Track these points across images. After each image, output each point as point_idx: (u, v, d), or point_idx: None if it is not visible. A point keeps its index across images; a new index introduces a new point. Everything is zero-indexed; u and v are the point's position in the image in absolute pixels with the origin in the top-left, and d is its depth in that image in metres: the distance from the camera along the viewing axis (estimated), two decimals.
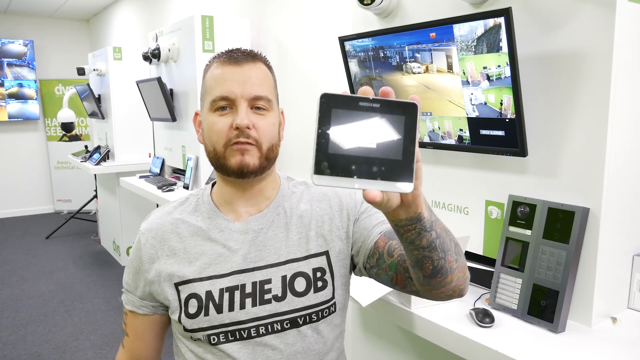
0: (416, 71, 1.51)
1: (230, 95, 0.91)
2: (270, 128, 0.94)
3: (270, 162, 0.97)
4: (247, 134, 0.91)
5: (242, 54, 0.95)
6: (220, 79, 0.92)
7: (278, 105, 1.01)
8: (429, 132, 1.57)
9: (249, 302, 0.94)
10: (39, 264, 4.63)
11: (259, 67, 0.95)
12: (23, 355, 2.97)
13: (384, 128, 0.58)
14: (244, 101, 0.91)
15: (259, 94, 0.92)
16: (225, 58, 0.94)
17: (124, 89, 4.24)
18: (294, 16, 2.77)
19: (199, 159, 2.97)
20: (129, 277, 1.05)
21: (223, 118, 0.92)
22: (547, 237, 1.27)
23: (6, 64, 6.38)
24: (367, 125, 0.58)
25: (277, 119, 0.98)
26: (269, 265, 0.96)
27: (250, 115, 0.92)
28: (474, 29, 1.32)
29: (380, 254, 0.94)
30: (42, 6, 6.02)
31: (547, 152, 1.32)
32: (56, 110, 5.95)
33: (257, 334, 0.94)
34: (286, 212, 1.00)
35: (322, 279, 0.97)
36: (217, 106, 0.93)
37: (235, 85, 0.91)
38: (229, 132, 0.91)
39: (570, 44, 1.24)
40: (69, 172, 6.62)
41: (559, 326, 1.22)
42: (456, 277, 0.82)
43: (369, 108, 0.58)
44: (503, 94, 1.31)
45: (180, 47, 3.05)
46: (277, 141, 0.97)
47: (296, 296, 0.95)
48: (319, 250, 0.98)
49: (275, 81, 1.00)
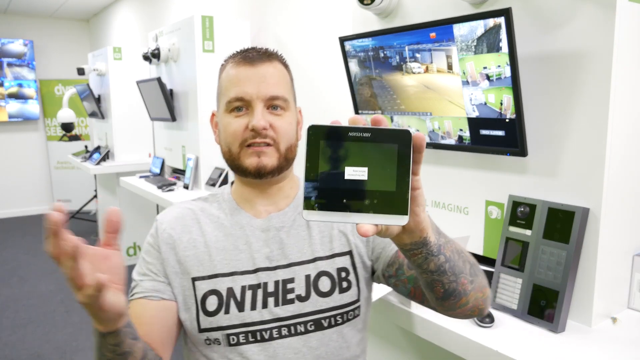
0: (416, 71, 1.51)
1: (245, 96, 0.89)
2: (287, 128, 0.92)
3: (289, 162, 0.94)
4: (264, 134, 0.89)
5: (257, 53, 0.92)
6: (235, 79, 0.91)
7: (296, 104, 0.98)
8: (429, 132, 1.57)
9: (271, 302, 0.90)
10: (39, 264, 4.63)
11: (274, 66, 0.93)
12: (23, 355, 2.97)
13: (376, 158, 0.56)
14: (259, 102, 0.89)
15: (275, 93, 0.90)
16: (240, 58, 0.92)
17: (124, 89, 4.24)
18: (294, 16, 2.77)
19: (198, 159, 2.97)
20: (143, 266, 0.97)
21: (238, 119, 0.90)
22: (547, 237, 1.27)
23: (6, 63, 6.38)
24: (358, 156, 0.56)
25: (295, 118, 0.96)
26: (292, 264, 0.93)
27: (267, 116, 0.90)
28: (474, 29, 1.32)
29: (400, 265, 0.92)
30: (42, 6, 6.02)
31: (547, 152, 1.32)
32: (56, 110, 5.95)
33: (279, 335, 0.89)
34: None
35: (346, 279, 0.93)
36: (232, 107, 0.91)
37: (251, 86, 0.89)
38: (244, 133, 0.90)
39: (570, 44, 1.24)
40: (69, 172, 6.62)
41: (559, 326, 1.22)
42: (473, 297, 0.79)
43: (359, 138, 0.56)
44: (503, 94, 1.31)
45: (180, 47, 3.05)
46: (295, 141, 0.95)
47: (321, 296, 0.91)
48: (343, 250, 0.95)
49: (292, 80, 0.98)
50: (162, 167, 3.53)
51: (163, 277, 0.95)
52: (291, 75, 0.98)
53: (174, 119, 3.16)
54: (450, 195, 1.61)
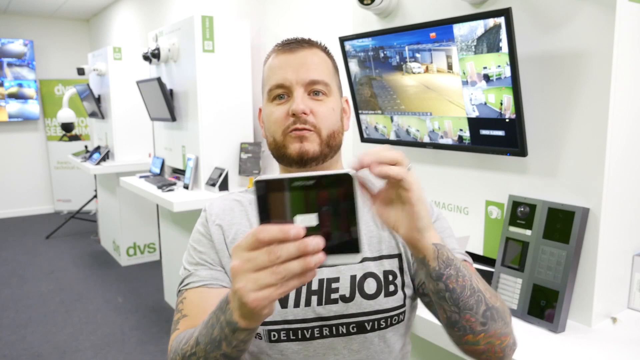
0: (416, 71, 1.51)
1: (285, 82, 0.88)
2: (329, 113, 0.89)
3: (333, 150, 0.91)
4: (304, 120, 0.86)
5: (297, 42, 0.91)
6: (275, 67, 0.89)
7: (341, 93, 0.96)
8: (429, 132, 1.57)
9: (314, 300, 0.87)
10: (39, 264, 4.63)
11: (314, 53, 0.91)
12: (23, 355, 2.97)
13: (322, 204, 0.59)
14: (299, 87, 0.87)
15: (314, 78, 0.88)
16: (280, 47, 0.91)
17: (124, 89, 4.24)
18: (294, 16, 2.77)
19: (198, 159, 2.97)
20: (195, 256, 0.93)
21: (280, 107, 0.89)
22: (547, 237, 1.27)
23: (6, 64, 6.38)
24: (306, 203, 0.59)
25: (338, 105, 0.93)
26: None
27: (307, 101, 0.87)
28: (474, 29, 1.32)
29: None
30: (42, 6, 6.02)
31: (547, 152, 1.32)
32: (56, 110, 5.96)
33: (321, 335, 0.87)
34: None
35: (393, 282, 0.90)
36: (274, 95, 0.89)
37: (290, 72, 0.87)
38: (286, 119, 0.87)
39: (570, 44, 1.24)
40: (69, 172, 6.62)
41: (559, 326, 1.22)
42: (485, 341, 0.76)
43: (304, 187, 0.59)
44: (503, 94, 1.31)
45: (180, 47, 3.05)
46: (339, 128, 0.92)
47: (365, 298, 0.88)
48: (392, 253, 0.91)
49: (335, 68, 0.95)
50: (162, 167, 3.53)
51: (219, 266, 0.92)
52: (334, 63, 0.95)
53: (174, 119, 3.16)
54: (450, 195, 1.61)
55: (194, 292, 0.90)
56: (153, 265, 4.58)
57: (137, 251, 4.65)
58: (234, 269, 0.60)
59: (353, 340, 0.87)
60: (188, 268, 0.93)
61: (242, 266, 0.59)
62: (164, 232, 3.67)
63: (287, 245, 0.57)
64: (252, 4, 3.15)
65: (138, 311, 3.57)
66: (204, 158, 2.96)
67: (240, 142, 3.02)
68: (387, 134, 1.72)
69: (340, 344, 0.87)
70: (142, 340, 3.12)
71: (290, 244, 0.57)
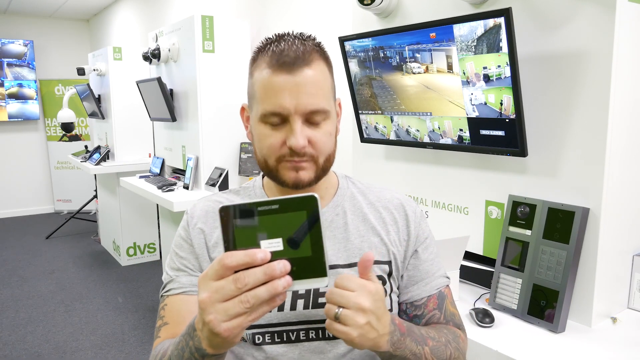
0: (416, 71, 1.51)
1: (283, 111, 0.80)
2: (327, 139, 0.85)
3: (326, 172, 0.89)
4: (302, 153, 0.82)
5: (294, 55, 0.81)
6: (270, 89, 0.81)
7: (334, 97, 0.90)
8: (429, 132, 1.57)
9: (300, 304, 0.87)
10: (39, 264, 4.63)
11: (314, 69, 0.82)
12: (23, 355, 2.97)
13: (287, 227, 0.58)
14: (298, 117, 0.81)
15: (314, 107, 0.81)
16: (275, 62, 0.81)
17: (124, 89, 4.24)
18: (294, 16, 2.77)
19: (198, 159, 2.97)
20: (176, 261, 0.93)
21: (275, 132, 0.83)
22: (547, 237, 1.27)
23: (6, 64, 6.38)
24: (271, 227, 0.58)
25: (334, 124, 0.88)
26: None
27: (306, 131, 0.82)
28: (474, 29, 1.32)
29: (424, 314, 0.91)
30: (42, 6, 6.02)
31: (547, 152, 1.32)
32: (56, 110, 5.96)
33: (307, 338, 0.87)
34: (346, 213, 0.93)
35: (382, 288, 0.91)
36: (267, 121, 0.83)
37: (288, 98, 0.80)
38: (282, 148, 0.83)
39: (570, 44, 1.24)
40: (69, 172, 6.62)
41: (559, 326, 1.22)
42: None
43: (268, 211, 0.58)
44: (503, 94, 1.31)
45: (180, 47, 3.05)
46: (334, 148, 0.89)
47: None
48: (382, 259, 0.91)
49: (331, 70, 0.88)
50: (162, 167, 3.53)
51: (199, 272, 0.91)
52: (330, 66, 0.88)
53: (174, 119, 3.16)
54: (450, 195, 1.61)
55: (174, 299, 0.90)
56: (153, 265, 4.58)
57: (137, 251, 4.65)
58: (203, 302, 0.60)
59: (340, 344, 0.88)
60: (169, 273, 0.93)
61: (210, 297, 0.59)
62: (164, 232, 3.66)
63: (254, 271, 0.57)
64: (252, 4, 3.15)
65: (138, 311, 3.57)
66: (204, 158, 2.96)
67: (240, 142, 3.02)
68: (387, 134, 1.72)
69: (326, 347, 0.87)
70: (142, 340, 3.12)
71: (257, 269, 0.57)
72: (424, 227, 0.95)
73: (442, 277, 0.95)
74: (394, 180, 1.80)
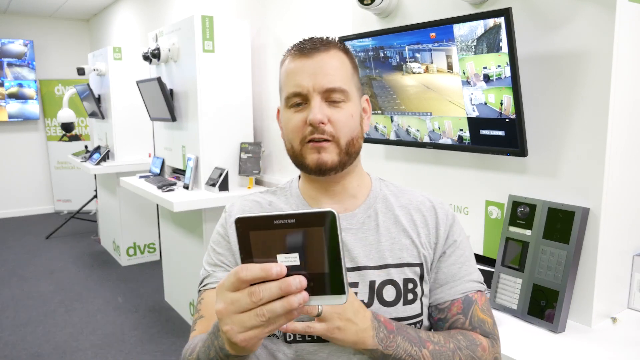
0: (416, 71, 1.51)
1: (302, 90, 0.86)
2: (348, 120, 0.87)
3: (352, 157, 0.89)
4: (321, 130, 0.85)
5: (313, 44, 0.88)
6: (291, 73, 0.88)
7: (360, 93, 0.93)
8: (429, 132, 1.57)
9: None
10: (39, 264, 4.63)
11: (332, 55, 0.88)
12: (23, 355, 2.97)
13: (304, 243, 0.57)
14: (316, 95, 0.85)
15: (332, 85, 0.85)
16: (296, 50, 0.89)
17: (124, 89, 4.24)
18: (294, 16, 2.77)
19: (198, 159, 2.97)
20: (213, 257, 0.95)
21: (298, 114, 0.87)
22: (547, 237, 1.27)
23: (6, 64, 6.38)
24: (288, 242, 0.57)
25: (357, 109, 0.90)
26: (356, 268, 0.88)
27: (325, 109, 0.85)
28: (474, 29, 1.32)
29: (447, 318, 0.91)
30: (42, 6, 6.02)
31: (547, 152, 1.32)
32: (56, 110, 5.96)
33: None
34: (378, 214, 0.93)
35: (412, 291, 0.89)
36: (291, 103, 0.88)
37: (307, 79, 0.85)
38: (304, 128, 0.86)
39: (570, 44, 1.24)
40: (69, 172, 6.62)
41: (559, 326, 1.22)
42: None
43: (285, 225, 0.57)
44: (503, 94, 1.31)
45: (180, 47, 3.05)
46: (357, 133, 0.90)
47: (384, 305, 0.87)
48: (413, 261, 0.90)
49: (354, 67, 0.92)
50: (162, 167, 3.53)
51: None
52: (354, 63, 0.93)
53: (174, 119, 3.16)
54: (450, 195, 1.61)
55: (211, 293, 0.92)
56: (153, 265, 4.58)
57: (137, 251, 4.65)
58: (219, 312, 0.61)
59: None
60: (207, 269, 0.95)
61: (226, 309, 0.60)
62: (164, 232, 3.67)
63: (269, 285, 0.57)
64: (252, 4, 3.15)
65: (138, 311, 3.57)
66: (204, 158, 2.96)
67: (240, 142, 3.02)
68: (387, 134, 1.72)
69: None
70: (142, 340, 3.12)
71: (272, 283, 0.57)
72: (455, 230, 0.94)
73: (472, 282, 0.92)
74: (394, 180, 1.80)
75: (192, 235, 3.15)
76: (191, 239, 3.16)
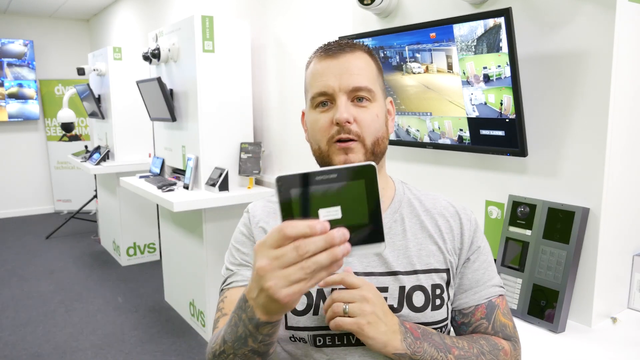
0: (416, 71, 1.51)
1: (328, 89, 0.86)
2: (373, 120, 0.87)
3: (378, 158, 0.90)
4: (347, 129, 0.85)
5: (338, 46, 0.89)
6: (317, 74, 0.89)
7: (385, 95, 0.94)
8: (429, 132, 1.57)
9: None
10: (39, 264, 4.63)
11: (357, 57, 0.89)
12: (23, 355, 2.97)
13: (345, 196, 0.60)
14: (342, 94, 0.86)
15: (357, 84, 0.86)
16: (322, 52, 0.90)
17: (124, 89, 4.24)
18: (294, 16, 2.77)
19: (198, 159, 2.97)
20: (237, 256, 0.95)
21: (324, 114, 0.87)
22: (547, 237, 1.27)
23: (6, 64, 6.38)
24: (329, 197, 0.60)
25: (382, 110, 0.91)
26: (386, 273, 0.89)
27: (351, 109, 0.86)
28: (474, 29, 1.32)
29: (471, 323, 0.91)
30: (42, 6, 6.02)
31: (547, 152, 1.32)
32: (56, 110, 5.96)
33: None
34: (404, 219, 0.93)
35: (440, 296, 0.89)
36: (317, 102, 0.88)
37: (333, 78, 0.86)
38: (330, 128, 0.86)
39: (570, 44, 1.24)
40: (69, 172, 6.62)
41: (559, 326, 1.22)
42: None
43: (326, 180, 0.59)
44: (503, 94, 1.31)
45: (180, 47, 3.05)
46: (383, 134, 0.90)
47: (413, 311, 0.87)
48: (440, 267, 0.91)
49: (379, 69, 0.93)
50: (162, 167, 3.53)
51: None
52: (378, 65, 0.93)
53: (174, 119, 3.16)
54: (450, 195, 1.60)
55: (235, 291, 0.92)
56: (153, 265, 4.58)
57: (137, 251, 4.65)
58: (262, 268, 0.61)
59: None
60: (231, 268, 0.95)
61: (270, 264, 0.60)
62: (164, 232, 3.66)
63: (315, 239, 0.58)
64: (252, 4, 3.15)
65: (138, 311, 3.57)
66: (204, 158, 2.96)
67: (240, 142, 3.02)
68: None
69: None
70: (142, 340, 3.12)
71: (318, 237, 0.58)
72: (478, 235, 0.95)
73: (494, 287, 0.93)
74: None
75: (192, 236, 3.15)
76: (191, 239, 3.16)
